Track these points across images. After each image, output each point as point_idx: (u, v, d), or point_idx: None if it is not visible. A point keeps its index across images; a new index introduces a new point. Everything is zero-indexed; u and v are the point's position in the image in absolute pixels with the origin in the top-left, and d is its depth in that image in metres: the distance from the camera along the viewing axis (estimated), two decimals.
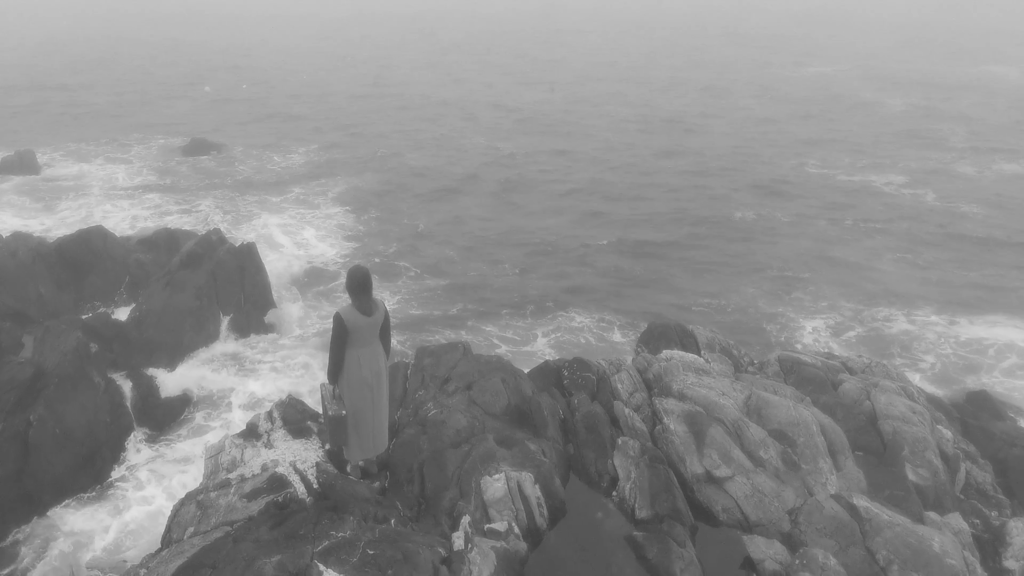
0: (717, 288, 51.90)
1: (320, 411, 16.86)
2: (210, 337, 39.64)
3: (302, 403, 19.45)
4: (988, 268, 55.36)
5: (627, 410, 19.63)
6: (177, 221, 61.87)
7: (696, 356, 23.16)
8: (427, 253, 57.33)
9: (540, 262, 56.16)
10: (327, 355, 14.43)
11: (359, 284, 13.49)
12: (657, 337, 27.67)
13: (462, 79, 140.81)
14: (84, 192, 69.04)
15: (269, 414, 18.62)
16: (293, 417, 18.27)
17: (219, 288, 41.37)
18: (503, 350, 42.65)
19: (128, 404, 32.94)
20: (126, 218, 62.31)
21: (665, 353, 23.04)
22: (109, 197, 67.60)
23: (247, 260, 43.77)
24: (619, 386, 20.65)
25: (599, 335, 45.57)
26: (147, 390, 34.33)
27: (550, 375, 21.53)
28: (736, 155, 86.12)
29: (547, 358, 40.63)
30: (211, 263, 42.29)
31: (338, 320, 13.69)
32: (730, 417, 18.79)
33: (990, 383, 41.13)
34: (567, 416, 19.67)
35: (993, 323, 47.63)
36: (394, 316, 45.58)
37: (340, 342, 13.76)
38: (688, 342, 26.45)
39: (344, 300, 21.45)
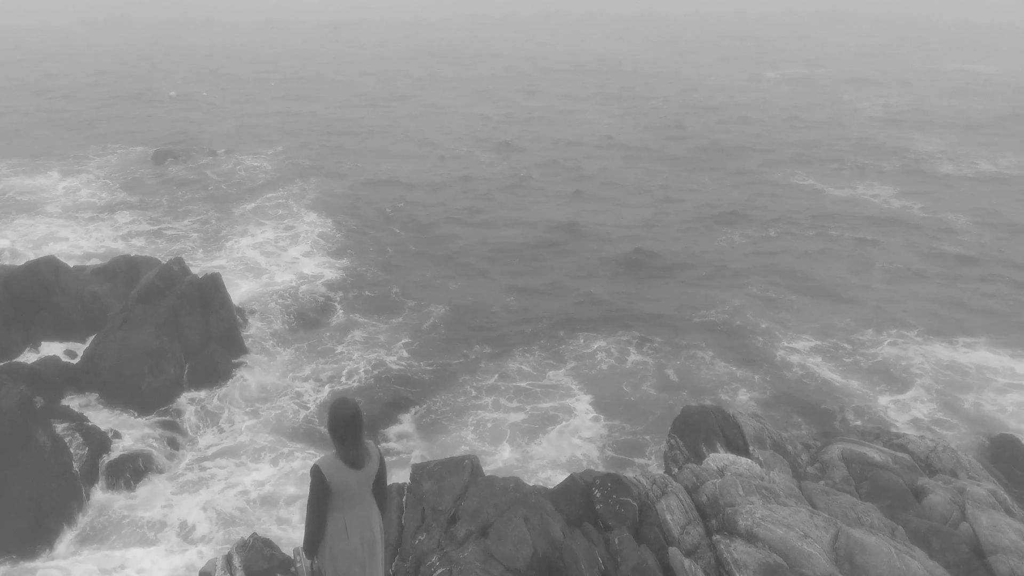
0: (709, 304, 49.60)
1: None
2: (171, 382, 36.48)
3: (270, 545, 16.11)
4: (972, 286, 53.52)
5: (686, 562, 15.21)
6: (142, 243, 58.61)
7: (749, 461, 19.34)
8: (417, 274, 54.36)
9: (536, 281, 53.64)
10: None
11: (346, 427, 10.21)
12: (694, 427, 22.88)
13: (440, 82, 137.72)
14: (38, 210, 64.77)
15: (228, 560, 15.37)
16: (258, 566, 14.90)
17: (181, 325, 38.31)
18: (523, 386, 40.32)
19: (77, 467, 29.86)
20: (86, 240, 58.71)
21: (713, 459, 19.29)
22: (67, 215, 63.65)
23: (211, 293, 40.65)
24: (668, 517, 16.49)
25: (619, 359, 43.23)
26: (100, 447, 31.26)
27: (579, 498, 17.27)
28: (720, 163, 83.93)
29: (572, 403, 38.83)
30: (172, 297, 39.18)
31: (317, 476, 10.32)
32: (820, 572, 14.75)
33: (990, 410, 39.48)
34: (608, 568, 15.26)
35: (976, 345, 45.76)
36: (394, 359, 43.07)
37: (320, 505, 10.41)
38: (733, 434, 21.95)
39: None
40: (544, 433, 36.21)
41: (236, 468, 32.37)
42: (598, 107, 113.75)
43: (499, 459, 34.02)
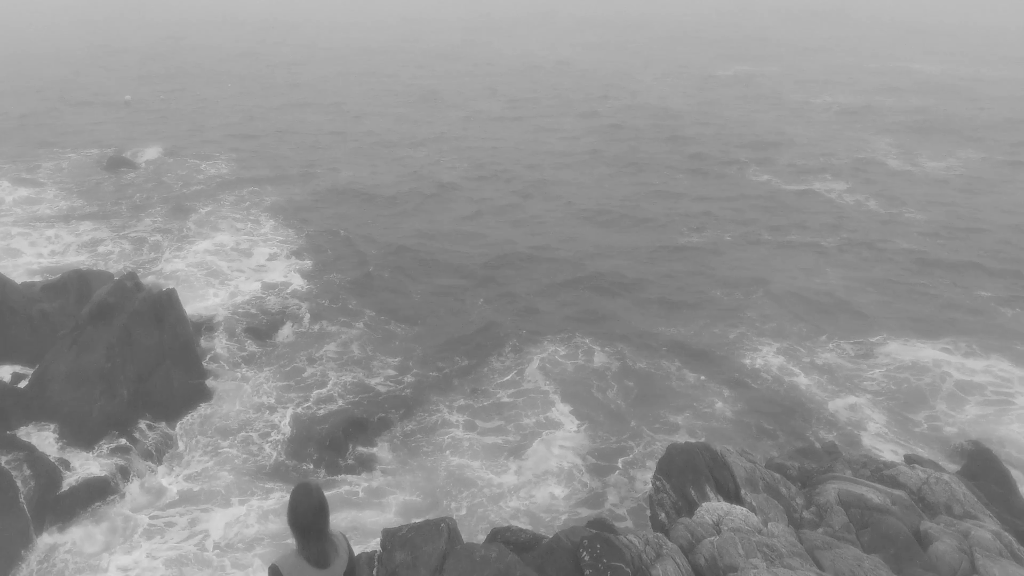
0: (674, 312, 48.53)
1: None
2: (124, 406, 34.15)
3: None
4: (928, 284, 53.21)
5: None
6: (96, 253, 55.82)
7: (745, 511, 17.78)
8: (379, 283, 52.32)
9: (498, 288, 52.01)
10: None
11: (309, 521, 8.47)
12: (681, 468, 20.88)
13: (394, 85, 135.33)
14: None
15: None
16: None
17: (134, 345, 35.98)
18: (498, 400, 38.65)
19: (23, 501, 27.63)
20: (40, 250, 55.82)
21: (706, 510, 17.63)
22: (19, 225, 60.57)
23: (166, 309, 38.34)
24: None
25: (585, 362, 42.16)
26: (49, 480, 28.99)
27: (566, 562, 15.41)
28: (673, 164, 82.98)
29: (549, 416, 36.94)
30: (125, 315, 36.80)
31: None
32: None
33: (950, 412, 38.92)
34: None
35: (932, 344, 45.25)
36: (364, 376, 40.97)
37: None
38: (722, 475, 20.18)
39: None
40: (522, 449, 34.70)
41: (194, 509, 30.12)
42: (559, 116, 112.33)
43: (479, 481, 32.51)
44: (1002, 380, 41.73)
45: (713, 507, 17.67)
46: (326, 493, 9.16)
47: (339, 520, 29.66)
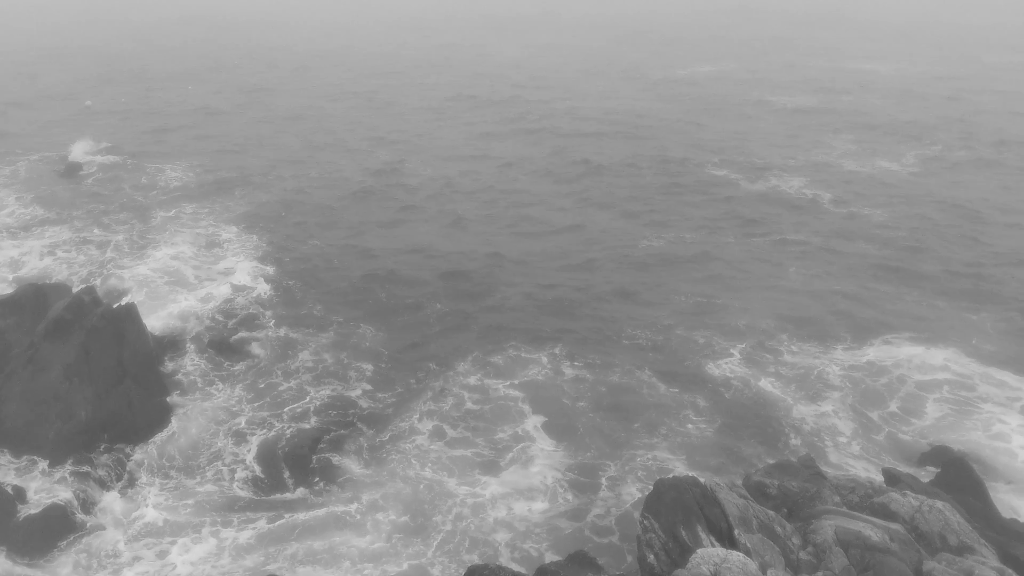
0: (641, 317, 47.59)
1: None
2: (82, 429, 32.38)
3: None
4: (887, 282, 53.05)
5: None
6: (56, 262, 53.47)
7: (742, 558, 16.62)
8: (343, 289, 50.78)
9: (461, 294, 50.71)
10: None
11: None
12: (671, 506, 19.39)
13: (352, 88, 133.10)
14: None
15: None
16: None
17: (92, 363, 34.17)
18: (470, 409, 37.13)
19: None
20: None
21: (702, 557, 16.36)
22: None
23: (126, 325, 36.57)
24: None
25: (554, 370, 41.07)
26: (2, 508, 27.33)
27: None
28: (636, 165, 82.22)
29: (523, 428, 34.86)
30: (82, 332, 34.97)
31: None
32: None
33: (916, 414, 38.63)
34: None
35: (892, 341, 45.00)
36: (335, 387, 39.30)
37: None
38: (714, 514, 18.91)
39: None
40: (498, 462, 33.61)
41: (162, 541, 28.27)
42: (518, 119, 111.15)
43: (459, 493, 31.29)
44: (961, 378, 41.56)
45: (708, 554, 16.64)
46: (303, 516, 8.01)
47: (321, 546, 28.34)
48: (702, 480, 19.28)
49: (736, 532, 17.80)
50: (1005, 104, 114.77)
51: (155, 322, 43.46)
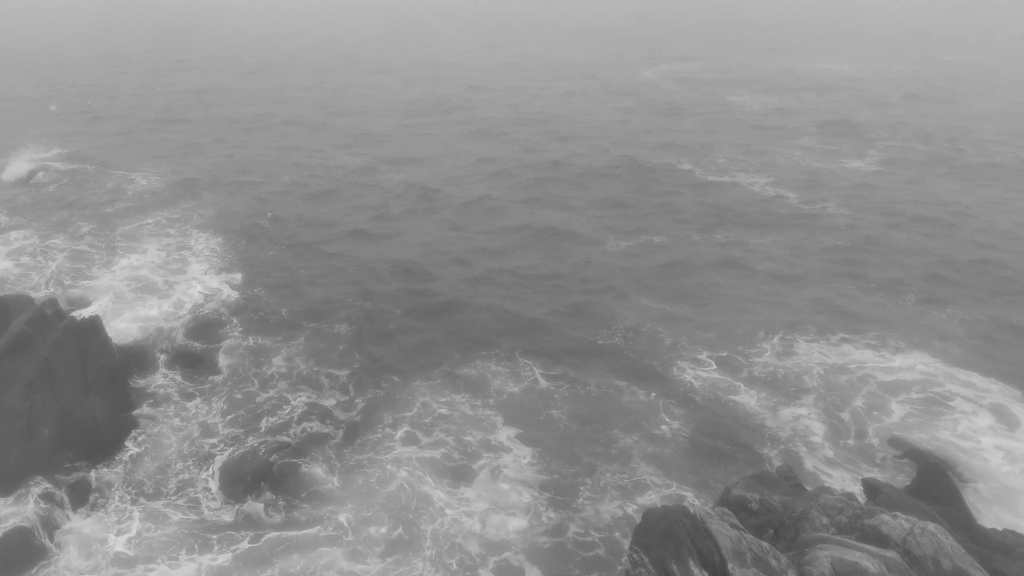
0: (610, 322, 46.83)
1: None
2: (45, 448, 30.96)
3: None
4: (851, 281, 52.97)
5: None
6: (15, 273, 51.61)
7: None
8: (312, 295, 49.56)
9: (427, 299, 49.73)
10: None
11: None
12: (660, 538, 18.35)
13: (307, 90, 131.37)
14: None
15: None
16: None
17: (56, 379, 32.77)
18: (443, 414, 36.05)
19: None
20: None
21: None
22: None
23: (90, 338, 35.10)
24: None
25: (528, 376, 40.27)
26: None
27: None
28: (603, 165, 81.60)
29: (496, 438, 33.85)
30: (45, 347, 33.53)
31: None
32: None
33: (885, 415, 38.39)
34: None
35: (857, 343, 44.68)
36: (306, 397, 37.85)
37: None
38: (706, 546, 17.89)
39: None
40: (473, 476, 32.67)
41: (137, 569, 26.72)
42: (485, 119, 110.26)
43: (433, 509, 30.41)
44: (928, 378, 41.41)
45: None
46: (283, 535, 7.10)
47: (303, 566, 27.24)
48: (692, 510, 18.42)
49: (730, 566, 16.90)
50: (965, 102, 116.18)
51: (122, 332, 41.96)
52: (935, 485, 26.46)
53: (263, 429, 35.44)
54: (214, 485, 31.42)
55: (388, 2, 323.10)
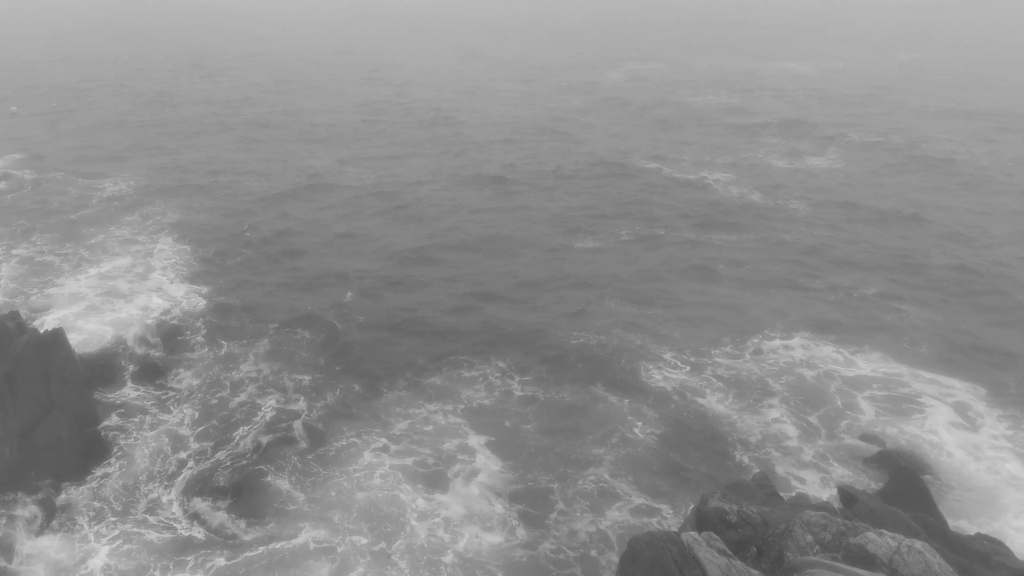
0: (579, 325, 46.20)
1: None
2: (5, 468, 29.60)
3: None
4: (813, 280, 52.95)
5: None
6: None
7: None
8: (277, 304, 48.40)
9: (394, 302, 48.87)
10: None
11: None
12: (648, 568, 17.52)
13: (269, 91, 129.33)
14: None
15: None
16: None
17: (17, 396, 31.40)
18: (409, 425, 34.99)
19: None
20: None
21: None
22: None
23: (53, 352, 33.70)
24: None
25: (506, 385, 39.38)
26: None
27: None
28: (569, 165, 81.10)
29: (467, 444, 32.53)
30: (6, 362, 32.11)
31: None
32: None
33: (853, 415, 38.32)
34: None
35: (820, 342, 44.41)
36: (275, 403, 36.69)
37: None
38: (694, 575, 16.91)
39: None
40: (445, 485, 31.89)
41: None
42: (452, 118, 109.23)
43: (405, 521, 29.56)
44: (893, 376, 41.41)
45: None
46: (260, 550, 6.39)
47: None
48: (682, 536, 17.80)
49: None
50: (920, 101, 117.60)
51: (86, 342, 40.61)
52: (907, 488, 26.30)
53: (233, 441, 34.39)
54: (186, 502, 30.29)
55: (336, 3, 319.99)
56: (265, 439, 34.36)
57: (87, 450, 32.30)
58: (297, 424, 35.67)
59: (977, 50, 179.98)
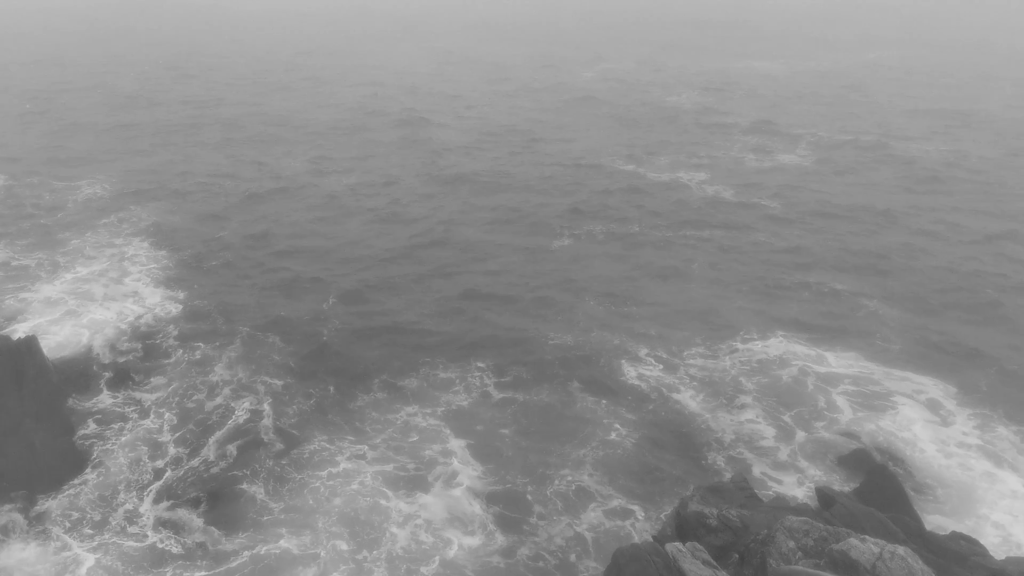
0: (556, 326, 46.09)
1: None
2: None
3: None
4: (787, 279, 53.19)
5: None
6: None
7: None
8: (251, 305, 47.79)
9: (368, 305, 48.44)
10: None
11: None
12: None
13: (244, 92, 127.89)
14: None
15: None
16: None
17: None
18: (386, 432, 34.64)
19: None
20: None
21: None
22: None
23: (26, 360, 32.95)
24: None
25: (482, 390, 39.08)
26: None
27: None
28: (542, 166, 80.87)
29: (446, 448, 32.29)
30: None
31: None
32: None
33: (827, 412, 38.45)
34: None
35: (792, 340, 44.70)
36: (248, 409, 35.95)
37: None
38: None
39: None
40: (425, 488, 31.56)
41: None
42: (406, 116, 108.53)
43: (384, 526, 29.17)
44: (866, 374, 41.63)
45: None
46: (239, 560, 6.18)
47: None
48: (667, 548, 17.64)
49: None
50: (888, 98, 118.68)
51: (60, 348, 39.81)
52: (883, 486, 26.39)
53: (208, 446, 33.84)
54: (164, 511, 29.69)
55: (316, 5, 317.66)
56: (240, 444, 33.88)
57: (62, 459, 31.56)
58: (268, 428, 35.19)
59: (949, 49, 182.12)
